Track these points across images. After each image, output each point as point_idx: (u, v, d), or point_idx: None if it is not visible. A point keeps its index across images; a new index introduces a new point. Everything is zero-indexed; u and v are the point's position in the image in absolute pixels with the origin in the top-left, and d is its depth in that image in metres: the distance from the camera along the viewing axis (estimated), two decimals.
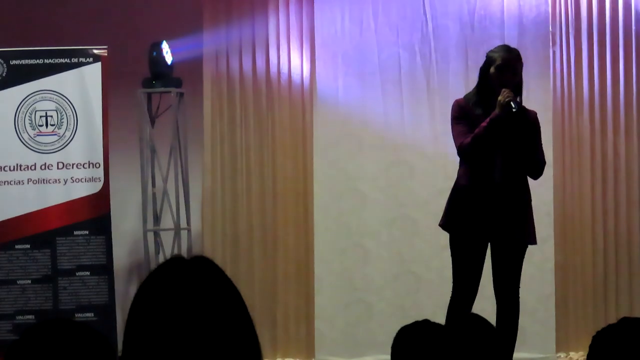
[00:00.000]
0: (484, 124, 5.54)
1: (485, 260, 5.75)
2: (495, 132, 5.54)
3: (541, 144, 5.76)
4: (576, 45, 7.52)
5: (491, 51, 5.72)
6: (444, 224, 5.79)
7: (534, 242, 5.79)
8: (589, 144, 7.49)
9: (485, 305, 7.12)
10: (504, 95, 5.52)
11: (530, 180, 7.47)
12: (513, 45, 5.86)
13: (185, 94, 7.51)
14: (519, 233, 5.67)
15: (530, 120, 5.69)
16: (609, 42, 7.52)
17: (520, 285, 5.71)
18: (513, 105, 5.49)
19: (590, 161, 7.49)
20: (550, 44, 7.50)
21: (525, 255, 7.48)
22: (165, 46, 7.34)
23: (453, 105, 5.75)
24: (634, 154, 7.51)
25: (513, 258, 5.71)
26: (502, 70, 5.61)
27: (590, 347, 2.67)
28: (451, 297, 5.75)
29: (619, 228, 7.50)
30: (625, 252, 7.50)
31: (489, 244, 5.72)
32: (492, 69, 5.63)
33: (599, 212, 7.49)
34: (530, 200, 5.74)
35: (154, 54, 7.35)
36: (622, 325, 2.67)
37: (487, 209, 5.61)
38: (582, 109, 7.50)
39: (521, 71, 5.71)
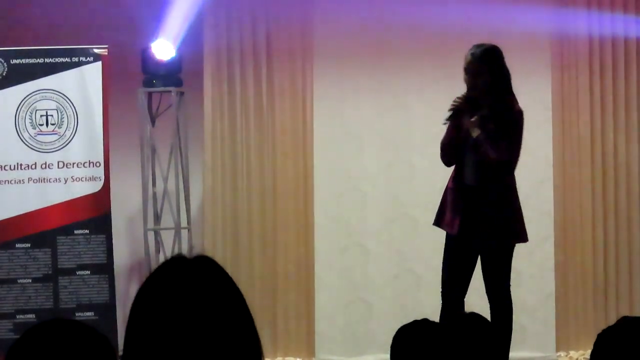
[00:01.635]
0: (447, 129, 5.61)
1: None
2: (454, 137, 5.55)
3: (512, 142, 5.65)
4: (577, 43, 7.52)
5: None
6: (435, 222, 5.88)
7: (520, 239, 5.78)
8: (589, 142, 7.49)
9: (484, 305, 7.14)
10: (452, 102, 5.59)
11: (530, 179, 7.50)
12: (512, 44, 5.83)
13: (185, 93, 7.51)
14: (499, 232, 5.67)
15: (503, 120, 5.64)
16: (610, 39, 7.52)
17: (521, 285, 5.72)
18: (448, 115, 5.55)
19: (590, 160, 7.49)
20: (550, 42, 7.51)
21: (525, 254, 7.50)
22: (157, 44, 7.30)
23: None
24: (634, 152, 7.51)
25: (497, 256, 5.73)
26: (465, 72, 5.64)
27: (594, 347, 2.67)
28: (442, 295, 5.83)
29: (619, 227, 7.50)
30: (625, 250, 7.50)
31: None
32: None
33: (599, 211, 7.49)
34: (514, 198, 5.72)
35: (142, 54, 7.35)
36: (626, 326, 2.67)
37: (465, 209, 5.63)
38: (582, 107, 7.50)
39: (487, 71, 5.63)
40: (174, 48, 7.34)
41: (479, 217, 5.64)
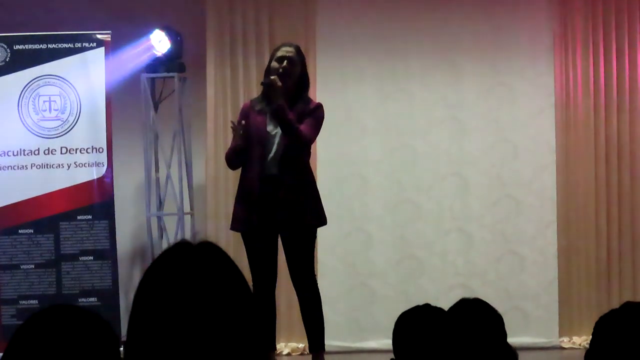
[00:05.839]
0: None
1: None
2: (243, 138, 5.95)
3: (316, 126, 5.92)
4: (580, 27, 7.50)
5: None
6: (231, 227, 6.15)
7: (323, 223, 5.95)
8: (592, 127, 7.48)
9: (487, 291, 7.15)
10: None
11: (532, 165, 7.50)
12: (514, 30, 5.79)
13: (188, 78, 7.51)
14: (306, 217, 5.86)
15: (309, 108, 5.89)
16: (613, 24, 7.50)
17: (524, 271, 5.68)
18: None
19: (593, 145, 7.47)
20: (552, 27, 7.49)
21: (528, 240, 7.50)
22: (156, 35, 7.29)
23: None
24: (637, 137, 7.50)
25: (304, 244, 5.88)
26: (282, 60, 5.88)
27: (594, 331, 2.67)
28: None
29: (622, 212, 7.50)
30: (628, 236, 7.50)
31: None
32: None
33: (602, 197, 7.48)
34: (314, 183, 5.96)
35: (145, 40, 7.34)
36: (626, 310, 2.67)
37: (267, 200, 5.85)
38: (585, 92, 7.48)
39: (301, 64, 5.94)
40: (176, 35, 7.32)
41: (285, 205, 5.79)
